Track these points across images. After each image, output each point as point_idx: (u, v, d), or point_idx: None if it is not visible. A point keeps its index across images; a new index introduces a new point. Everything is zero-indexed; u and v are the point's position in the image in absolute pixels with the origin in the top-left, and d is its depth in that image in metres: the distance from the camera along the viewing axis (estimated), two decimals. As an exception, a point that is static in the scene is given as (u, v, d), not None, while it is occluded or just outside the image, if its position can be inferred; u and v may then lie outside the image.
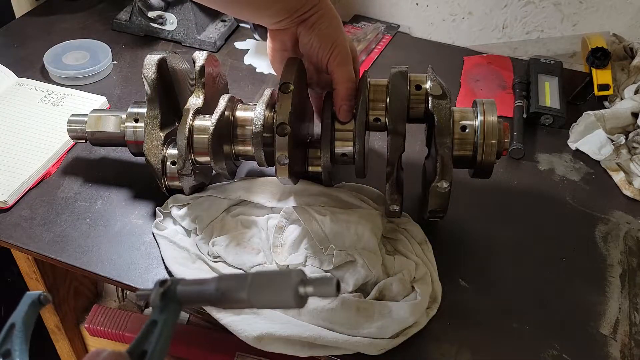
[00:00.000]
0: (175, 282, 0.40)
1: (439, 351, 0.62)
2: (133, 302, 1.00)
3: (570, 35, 1.03)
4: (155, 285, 0.40)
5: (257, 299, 0.39)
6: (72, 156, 0.82)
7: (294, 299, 0.37)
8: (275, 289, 0.38)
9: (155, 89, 0.70)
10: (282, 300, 0.38)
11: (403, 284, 0.64)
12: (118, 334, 0.91)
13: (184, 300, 0.40)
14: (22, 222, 0.73)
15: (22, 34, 1.05)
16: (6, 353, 0.40)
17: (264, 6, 0.64)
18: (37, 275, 0.86)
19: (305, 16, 0.65)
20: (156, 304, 0.39)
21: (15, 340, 0.40)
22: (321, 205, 0.71)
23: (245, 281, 0.39)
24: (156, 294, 0.39)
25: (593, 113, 0.85)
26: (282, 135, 0.63)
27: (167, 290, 0.39)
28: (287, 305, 0.38)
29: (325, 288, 0.37)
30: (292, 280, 0.38)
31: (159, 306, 0.39)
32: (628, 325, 0.65)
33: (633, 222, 0.77)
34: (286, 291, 0.38)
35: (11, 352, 0.40)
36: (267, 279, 0.39)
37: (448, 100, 0.65)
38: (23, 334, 0.41)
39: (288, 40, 0.68)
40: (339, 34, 0.66)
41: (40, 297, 0.42)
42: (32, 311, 0.42)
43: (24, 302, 0.42)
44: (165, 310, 0.39)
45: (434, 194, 0.64)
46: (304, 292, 0.38)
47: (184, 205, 0.72)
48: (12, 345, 0.40)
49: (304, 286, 0.38)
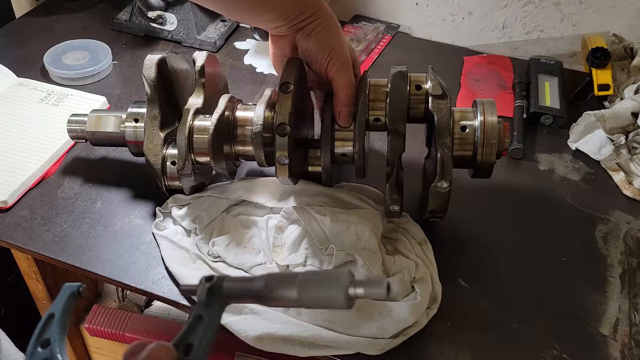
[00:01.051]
0: (222, 279, 0.41)
1: (439, 351, 0.62)
2: (133, 302, 1.00)
3: (570, 35, 1.03)
4: (201, 281, 0.40)
5: (306, 298, 0.39)
6: (72, 156, 0.82)
7: (345, 299, 0.38)
8: (326, 288, 0.39)
9: (155, 89, 0.70)
10: (332, 300, 0.38)
11: (403, 284, 0.64)
12: (118, 334, 0.91)
13: (229, 296, 0.40)
14: (22, 222, 0.73)
15: (22, 34, 1.05)
16: (45, 342, 0.41)
17: (261, 12, 0.65)
18: (37, 275, 0.86)
19: (303, 24, 0.65)
20: (202, 299, 0.40)
21: (54, 330, 0.41)
22: (321, 205, 0.71)
23: (295, 279, 0.39)
24: (202, 289, 0.40)
25: (593, 113, 0.85)
26: (282, 135, 0.63)
27: (213, 286, 0.40)
28: (336, 305, 0.38)
29: (376, 290, 0.38)
30: (343, 281, 0.38)
31: (205, 301, 0.40)
32: (628, 325, 0.65)
33: (633, 222, 0.76)
34: (337, 291, 0.38)
35: (50, 341, 0.41)
36: (317, 278, 0.39)
37: (448, 100, 0.65)
38: (62, 324, 0.42)
39: (287, 47, 0.68)
40: (337, 40, 0.66)
41: (79, 288, 0.43)
42: (71, 302, 0.43)
43: (63, 293, 0.43)
44: (210, 305, 0.40)
45: (434, 194, 0.63)
46: (354, 293, 0.38)
47: (184, 205, 0.72)
48: (51, 335, 0.41)
49: (355, 287, 0.38)
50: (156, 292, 0.66)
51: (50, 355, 0.40)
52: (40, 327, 0.41)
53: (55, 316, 0.42)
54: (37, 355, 0.40)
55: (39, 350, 0.40)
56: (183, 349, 0.38)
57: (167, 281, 0.67)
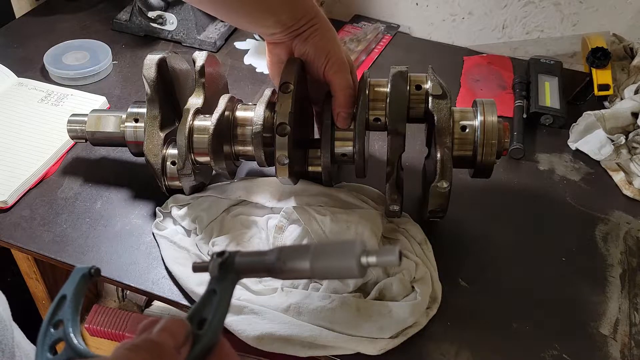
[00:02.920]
0: (233, 254, 0.41)
1: (439, 351, 0.62)
2: (133, 302, 1.00)
3: (570, 35, 1.03)
4: (213, 256, 0.41)
5: (319, 268, 0.39)
6: (72, 156, 0.82)
7: (357, 268, 0.38)
8: (339, 257, 0.39)
9: (155, 89, 0.70)
10: (345, 269, 0.38)
11: (403, 284, 0.64)
12: (118, 334, 0.91)
13: (242, 270, 0.41)
14: (22, 222, 0.73)
15: (22, 34, 1.05)
16: (58, 323, 0.41)
17: (260, 17, 0.65)
18: (37, 275, 0.86)
19: (301, 30, 0.66)
20: (215, 273, 0.40)
21: (66, 311, 0.41)
22: (321, 205, 0.71)
23: (308, 251, 0.40)
24: (214, 264, 0.40)
25: (593, 113, 0.85)
26: (282, 135, 0.63)
27: (225, 261, 0.40)
28: (349, 274, 0.38)
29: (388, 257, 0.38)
30: (355, 249, 0.38)
31: (217, 276, 0.40)
32: (628, 325, 0.65)
33: (633, 222, 0.76)
34: (350, 260, 0.38)
35: (63, 322, 0.41)
36: (329, 249, 0.39)
37: (448, 100, 0.65)
38: (74, 305, 0.42)
39: (284, 54, 0.69)
40: (333, 44, 0.67)
41: (90, 270, 0.43)
42: (83, 283, 0.43)
43: (75, 275, 0.43)
44: (223, 280, 0.40)
45: (434, 194, 0.63)
46: (366, 262, 0.38)
47: (184, 205, 0.72)
48: (64, 316, 0.41)
49: (367, 256, 0.38)
50: (156, 292, 0.66)
51: (63, 335, 0.40)
52: (52, 309, 0.42)
53: (68, 297, 0.42)
54: (50, 335, 0.40)
55: (52, 331, 0.41)
56: (197, 323, 0.38)
57: (167, 281, 0.67)
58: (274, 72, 0.71)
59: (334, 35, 0.68)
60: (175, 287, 0.66)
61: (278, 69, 0.69)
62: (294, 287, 0.64)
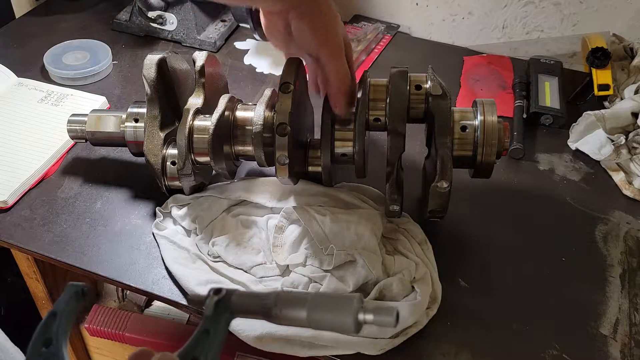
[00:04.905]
0: (230, 292, 0.40)
1: (439, 351, 0.62)
2: (133, 302, 1.00)
3: (570, 35, 1.03)
4: (210, 294, 0.40)
5: (315, 320, 0.39)
6: (72, 156, 0.82)
7: (354, 324, 0.38)
8: (336, 312, 0.39)
9: (155, 89, 0.70)
10: (341, 324, 0.39)
11: (403, 284, 0.64)
12: (118, 334, 0.91)
13: (237, 310, 0.40)
14: (22, 222, 0.73)
15: (22, 34, 1.05)
16: (47, 342, 0.40)
17: None
18: (37, 275, 0.86)
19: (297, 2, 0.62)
20: (209, 312, 0.40)
21: (55, 330, 0.41)
22: (321, 205, 0.71)
23: (306, 300, 0.40)
24: (210, 302, 0.40)
25: (593, 113, 0.85)
26: (282, 135, 0.63)
27: (221, 299, 0.40)
28: (344, 330, 0.39)
29: (385, 318, 0.38)
30: (353, 306, 0.38)
31: (212, 315, 0.40)
32: (628, 325, 0.65)
33: (633, 222, 0.76)
34: (346, 316, 0.38)
35: (52, 341, 0.40)
36: (327, 301, 0.40)
37: (448, 100, 0.65)
38: (64, 324, 0.41)
39: (280, 25, 0.66)
40: (332, 24, 0.64)
41: (83, 289, 0.43)
42: (74, 302, 0.42)
43: (67, 293, 0.42)
44: (218, 319, 0.40)
45: (434, 194, 0.63)
46: (363, 319, 0.38)
47: (184, 205, 0.72)
48: (53, 335, 0.40)
49: (364, 313, 0.38)
50: (156, 292, 0.66)
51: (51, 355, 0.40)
52: (42, 326, 0.41)
53: (58, 315, 0.41)
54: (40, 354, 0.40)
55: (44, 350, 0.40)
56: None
57: (167, 281, 0.67)
58: (271, 36, 0.69)
59: (335, 17, 0.64)
60: (175, 287, 0.66)
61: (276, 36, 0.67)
62: (294, 287, 0.64)
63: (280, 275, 0.66)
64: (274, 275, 0.66)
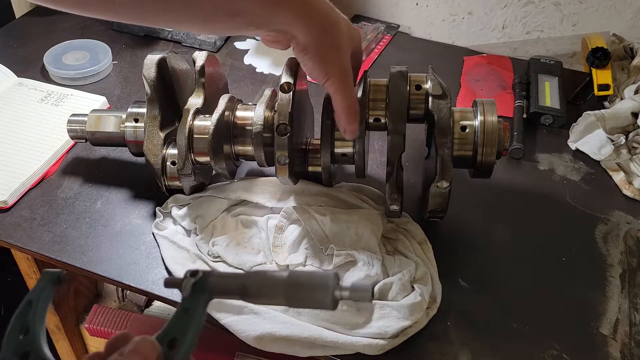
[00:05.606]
0: (207, 274, 0.40)
1: (439, 351, 0.62)
2: (133, 302, 1.00)
3: (570, 35, 1.03)
4: (186, 275, 0.40)
5: (292, 297, 0.39)
6: (72, 156, 0.82)
7: (331, 301, 0.38)
8: (313, 289, 0.39)
9: (155, 89, 0.70)
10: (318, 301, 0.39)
11: (403, 284, 0.64)
12: (118, 334, 0.91)
13: (214, 292, 0.40)
14: (22, 222, 0.73)
15: (22, 34, 1.05)
16: (24, 329, 0.40)
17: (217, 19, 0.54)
18: (37, 275, 0.86)
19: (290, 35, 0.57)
20: (187, 293, 0.40)
21: (32, 318, 0.40)
22: (321, 205, 0.71)
23: (282, 278, 0.40)
24: (187, 284, 0.40)
25: (593, 113, 0.85)
26: (282, 135, 0.63)
27: (198, 281, 0.40)
28: (322, 306, 0.39)
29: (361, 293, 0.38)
30: (330, 282, 0.39)
31: (190, 296, 0.40)
32: (628, 325, 0.65)
33: (633, 222, 0.76)
34: (323, 292, 0.39)
35: (29, 328, 0.40)
36: (304, 279, 0.40)
37: (448, 100, 0.65)
38: (40, 312, 0.41)
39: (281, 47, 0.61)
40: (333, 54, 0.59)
41: (59, 275, 0.42)
42: (49, 289, 0.42)
43: (41, 280, 0.42)
44: (195, 300, 0.40)
45: (434, 194, 0.64)
46: (340, 295, 0.39)
47: (184, 205, 0.72)
48: (30, 322, 0.40)
49: (340, 290, 0.39)
50: (156, 292, 0.66)
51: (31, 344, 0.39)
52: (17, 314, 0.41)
53: (33, 303, 0.41)
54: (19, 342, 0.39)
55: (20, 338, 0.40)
56: (167, 343, 0.38)
57: (167, 281, 0.67)
58: None
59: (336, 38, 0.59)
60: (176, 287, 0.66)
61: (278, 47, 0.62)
62: (294, 287, 0.64)
63: (280, 275, 0.66)
64: (274, 275, 0.66)
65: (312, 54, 0.58)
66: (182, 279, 0.40)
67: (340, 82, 0.60)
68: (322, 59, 0.58)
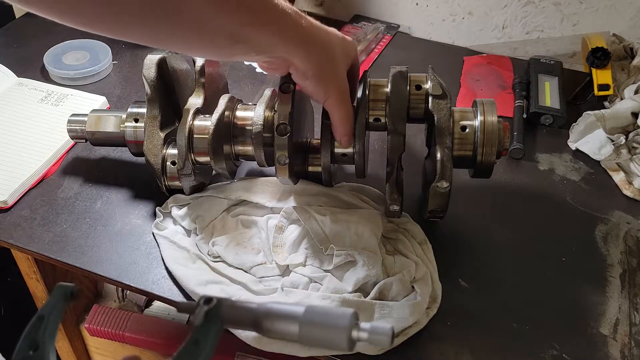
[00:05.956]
0: (220, 302, 0.39)
1: (439, 351, 0.62)
2: (133, 302, 1.00)
3: (570, 35, 1.03)
4: (199, 302, 0.39)
5: (307, 335, 0.38)
6: (72, 156, 0.82)
7: (347, 342, 0.37)
8: (329, 328, 0.37)
9: (155, 89, 0.70)
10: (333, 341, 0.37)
11: (403, 284, 0.64)
12: (118, 334, 0.91)
13: (227, 321, 0.39)
14: (22, 222, 0.73)
15: (22, 34, 1.05)
16: (34, 345, 0.39)
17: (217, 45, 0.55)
18: (37, 275, 0.86)
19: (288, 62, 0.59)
20: (199, 322, 0.38)
21: (43, 333, 0.40)
22: (321, 205, 0.71)
23: (299, 314, 0.38)
24: (200, 312, 0.38)
25: (593, 113, 0.85)
26: (282, 135, 0.63)
27: (212, 309, 0.39)
28: (337, 347, 0.37)
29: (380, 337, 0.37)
30: (347, 323, 0.37)
31: (202, 325, 0.38)
32: (628, 325, 0.65)
33: (633, 222, 0.76)
34: (339, 333, 0.37)
35: (39, 344, 0.39)
36: (321, 315, 0.38)
37: (448, 100, 0.65)
38: (51, 328, 0.40)
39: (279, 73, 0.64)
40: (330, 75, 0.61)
41: (72, 290, 0.42)
42: (62, 304, 0.41)
43: (55, 295, 0.41)
44: (207, 329, 0.38)
45: (434, 194, 0.64)
46: (357, 337, 0.37)
47: (184, 205, 0.72)
48: (40, 338, 0.40)
49: (358, 331, 0.37)
50: (156, 292, 0.66)
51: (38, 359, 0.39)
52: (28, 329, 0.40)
53: (45, 318, 0.40)
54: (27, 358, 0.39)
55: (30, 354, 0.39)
56: None
57: (167, 281, 0.67)
58: None
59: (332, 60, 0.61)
60: (175, 287, 0.66)
61: None
62: (294, 287, 0.64)
63: (280, 275, 0.66)
64: (274, 275, 0.66)
65: (311, 79, 0.61)
66: (195, 305, 0.39)
67: (339, 100, 0.63)
68: (321, 82, 0.61)
